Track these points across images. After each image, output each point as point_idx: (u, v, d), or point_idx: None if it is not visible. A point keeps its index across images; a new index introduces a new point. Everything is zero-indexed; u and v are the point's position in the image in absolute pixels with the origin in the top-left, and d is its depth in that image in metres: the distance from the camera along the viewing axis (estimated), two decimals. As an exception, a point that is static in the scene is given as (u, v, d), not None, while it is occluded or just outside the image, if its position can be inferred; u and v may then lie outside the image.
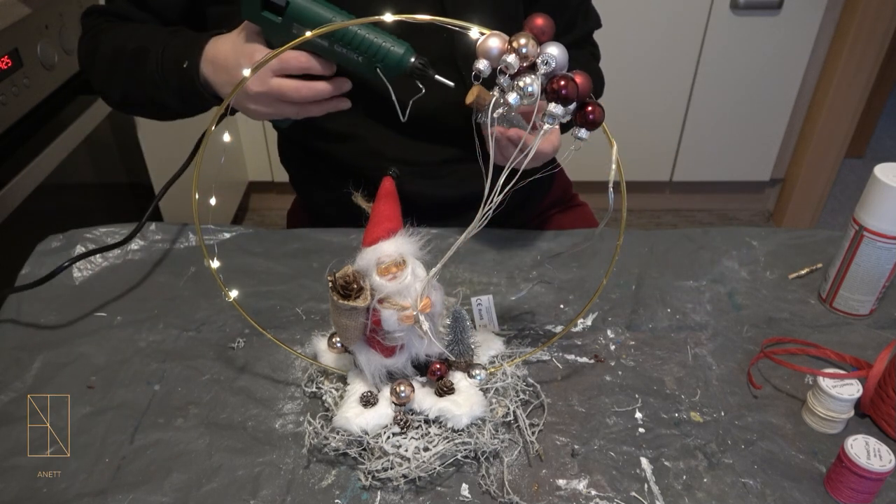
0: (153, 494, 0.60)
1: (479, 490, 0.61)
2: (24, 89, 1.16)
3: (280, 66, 0.70)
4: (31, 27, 1.18)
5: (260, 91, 0.71)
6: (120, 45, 0.82)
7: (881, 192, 0.73)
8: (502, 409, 0.67)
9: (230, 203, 2.29)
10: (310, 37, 0.55)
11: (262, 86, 0.71)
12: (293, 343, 0.76)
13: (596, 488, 0.61)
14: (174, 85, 0.78)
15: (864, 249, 0.76)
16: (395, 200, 0.63)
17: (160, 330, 0.78)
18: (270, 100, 0.72)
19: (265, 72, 0.70)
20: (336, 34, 0.66)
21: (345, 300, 0.59)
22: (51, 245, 0.89)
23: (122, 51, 0.81)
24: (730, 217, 2.44)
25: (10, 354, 0.74)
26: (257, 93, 0.71)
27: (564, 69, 0.53)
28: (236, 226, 0.94)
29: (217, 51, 0.74)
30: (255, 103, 0.73)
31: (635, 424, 0.68)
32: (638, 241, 0.92)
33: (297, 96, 0.71)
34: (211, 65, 0.75)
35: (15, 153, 1.15)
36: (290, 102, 0.73)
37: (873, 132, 2.69)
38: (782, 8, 1.95)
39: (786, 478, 0.62)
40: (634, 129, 2.18)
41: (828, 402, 0.65)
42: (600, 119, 0.55)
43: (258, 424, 0.67)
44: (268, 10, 0.67)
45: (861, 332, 0.79)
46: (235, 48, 0.73)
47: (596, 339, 0.78)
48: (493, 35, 0.53)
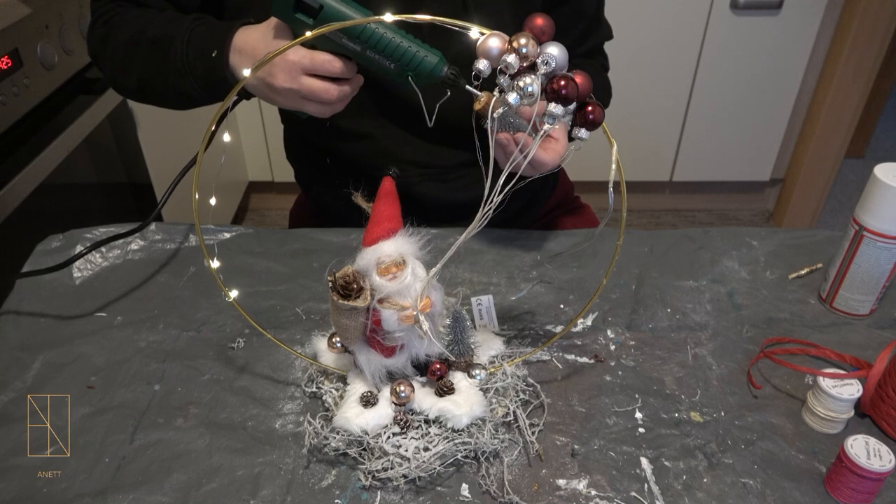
0: (153, 494, 0.60)
1: (479, 490, 0.61)
2: (24, 89, 1.16)
3: (312, 66, 0.69)
4: (31, 27, 1.18)
5: (289, 87, 0.70)
6: (138, 32, 0.80)
7: (881, 192, 0.73)
8: (502, 409, 0.67)
9: (230, 203, 2.29)
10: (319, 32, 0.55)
11: (292, 82, 0.70)
12: (293, 343, 0.76)
13: (596, 488, 0.61)
14: (199, 73, 0.77)
15: (864, 249, 0.76)
16: (396, 200, 0.63)
17: (160, 330, 0.78)
18: (297, 97, 0.72)
19: (295, 69, 0.70)
20: (370, 40, 0.65)
21: (345, 300, 0.59)
22: (51, 245, 0.89)
23: (141, 38, 0.80)
24: (730, 217, 2.44)
25: (10, 354, 0.74)
26: (286, 88, 0.71)
27: (564, 69, 0.53)
28: (236, 226, 0.94)
29: (246, 41, 0.74)
30: (280, 97, 0.73)
31: (635, 424, 0.68)
32: (638, 241, 0.92)
33: (327, 97, 0.71)
34: (239, 54, 0.74)
35: (15, 153, 1.15)
36: (318, 101, 0.73)
37: (873, 132, 2.69)
38: (782, 8, 1.95)
39: (786, 478, 0.62)
40: (634, 129, 2.18)
41: (828, 402, 0.65)
42: (600, 119, 0.55)
43: (258, 424, 0.67)
44: (301, 11, 0.67)
45: (861, 332, 0.79)
46: (266, 41, 0.72)
47: (596, 339, 0.78)
48: (493, 35, 0.53)
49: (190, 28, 0.77)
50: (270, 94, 0.73)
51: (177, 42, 0.77)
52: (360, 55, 0.67)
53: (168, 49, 0.77)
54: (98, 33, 0.85)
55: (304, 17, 0.67)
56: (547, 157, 0.72)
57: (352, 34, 0.65)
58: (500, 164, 0.72)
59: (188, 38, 0.76)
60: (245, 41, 0.74)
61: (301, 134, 1.01)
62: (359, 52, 0.67)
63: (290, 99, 0.72)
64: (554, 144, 0.73)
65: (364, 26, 0.65)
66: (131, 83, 0.84)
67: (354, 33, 0.65)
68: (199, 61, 0.76)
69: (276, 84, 0.71)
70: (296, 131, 1.03)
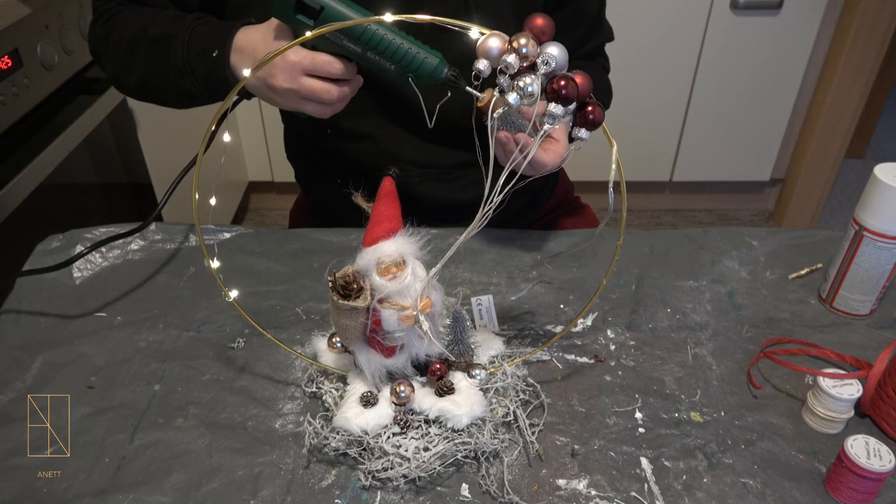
0: (153, 494, 0.60)
1: (479, 490, 0.61)
2: (24, 89, 1.16)
3: (313, 67, 0.69)
4: (31, 27, 1.18)
5: (289, 87, 0.70)
6: (139, 31, 0.81)
7: (881, 192, 0.73)
8: (502, 409, 0.67)
9: (230, 203, 2.29)
10: (319, 33, 0.55)
11: (292, 83, 0.70)
12: (293, 343, 0.76)
13: (596, 488, 0.61)
14: (200, 72, 0.77)
15: (864, 249, 0.76)
16: (395, 200, 0.63)
17: (160, 330, 0.78)
18: (297, 97, 0.72)
19: (296, 69, 0.70)
20: (370, 42, 0.65)
21: (345, 300, 0.59)
22: (51, 245, 0.89)
23: (142, 36, 0.80)
24: (730, 217, 2.44)
25: (10, 354, 0.74)
26: (286, 89, 0.71)
27: (564, 69, 0.53)
28: (236, 226, 0.94)
29: (247, 41, 0.74)
30: (280, 97, 0.73)
31: (635, 424, 0.68)
32: (638, 241, 0.92)
33: (327, 97, 0.71)
34: (240, 54, 0.74)
35: (15, 153, 1.15)
36: (318, 102, 0.73)
37: (873, 132, 2.69)
38: (782, 8, 1.95)
39: (786, 478, 0.62)
40: (634, 129, 2.18)
41: (828, 402, 0.65)
42: (600, 119, 0.55)
43: (258, 424, 0.67)
44: (301, 12, 0.67)
45: (861, 332, 0.79)
46: (267, 41, 0.72)
47: (596, 339, 0.78)
48: (493, 35, 0.53)
49: (191, 27, 0.77)
50: (270, 95, 0.73)
51: (177, 41, 0.77)
52: (360, 56, 0.67)
53: (169, 48, 0.77)
54: (99, 31, 0.85)
55: (305, 18, 0.67)
56: (547, 157, 0.72)
57: (352, 35, 0.65)
58: (501, 162, 0.72)
59: (189, 37, 0.77)
60: (246, 41, 0.74)
61: (301, 134, 1.01)
62: (359, 54, 0.67)
63: (290, 99, 0.72)
64: (554, 145, 0.72)
65: (364, 28, 0.65)
66: (132, 82, 0.84)
67: (355, 34, 0.65)
68: (199, 61, 0.76)
69: (276, 84, 0.71)
70: (296, 131, 1.03)
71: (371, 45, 0.65)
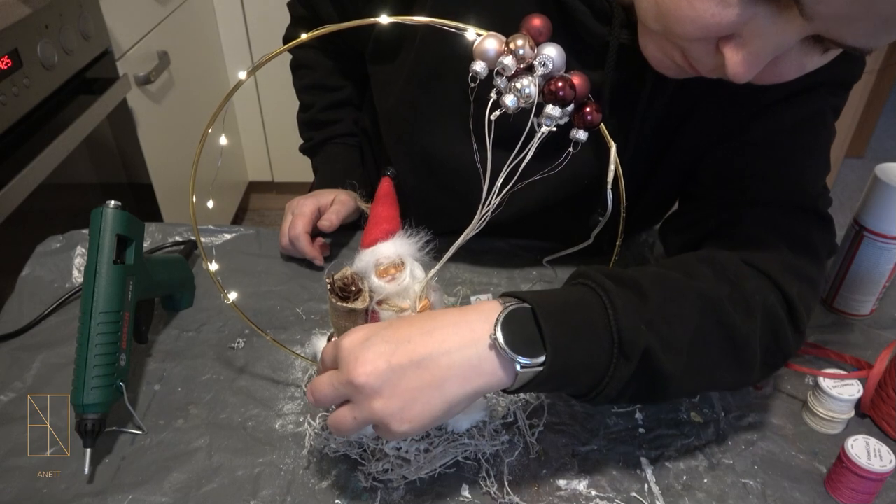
0: (153, 494, 0.60)
1: (480, 491, 0.61)
2: (24, 89, 1.16)
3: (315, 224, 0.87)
4: (31, 27, 1.18)
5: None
6: (306, 105, 0.98)
7: (881, 192, 0.73)
8: (502, 410, 0.67)
9: (230, 203, 2.29)
10: (317, 34, 0.55)
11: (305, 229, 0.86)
12: (293, 343, 0.76)
13: (596, 488, 0.61)
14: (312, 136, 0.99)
15: (864, 249, 0.76)
16: (394, 201, 0.63)
17: (160, 330, 0.78)
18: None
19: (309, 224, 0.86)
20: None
21: (343, 302, 0.59)
22: (51, 245, 0.89)
23: (301, 90, 0.99)
24: (730, 216, 2.43)
25: (10, 354, 0.74)
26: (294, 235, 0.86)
27: (562, 70, 0.53)
28: (236, 226, 0.94)
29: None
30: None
31: (635, 425, 0.68)
32: (638, 241, 0.92)
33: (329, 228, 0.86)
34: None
35: (15, 153, 1.15)
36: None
37: (873, 132, 2.69)
38: (783, 7, 1.94)
39: (786, 478, 0.62)
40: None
41: (828, 402, 0.65)
42: (598, 120, 0.55)
43: (258, 424, 0.67)
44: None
45: (861, 332, 0.79)
46: (312, 193, 0.91)
47: (596, 339, 0.77)
48: (489, 36, 0.52)
49: (314, 130, 0.99)
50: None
51: (303, 119, 0.99)
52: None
53: (304, 113, 1.00)
54: (292, 55, 0.99)
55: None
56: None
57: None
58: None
59: (309, 135, 1.00)
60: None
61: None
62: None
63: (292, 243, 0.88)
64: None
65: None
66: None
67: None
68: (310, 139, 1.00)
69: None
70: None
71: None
